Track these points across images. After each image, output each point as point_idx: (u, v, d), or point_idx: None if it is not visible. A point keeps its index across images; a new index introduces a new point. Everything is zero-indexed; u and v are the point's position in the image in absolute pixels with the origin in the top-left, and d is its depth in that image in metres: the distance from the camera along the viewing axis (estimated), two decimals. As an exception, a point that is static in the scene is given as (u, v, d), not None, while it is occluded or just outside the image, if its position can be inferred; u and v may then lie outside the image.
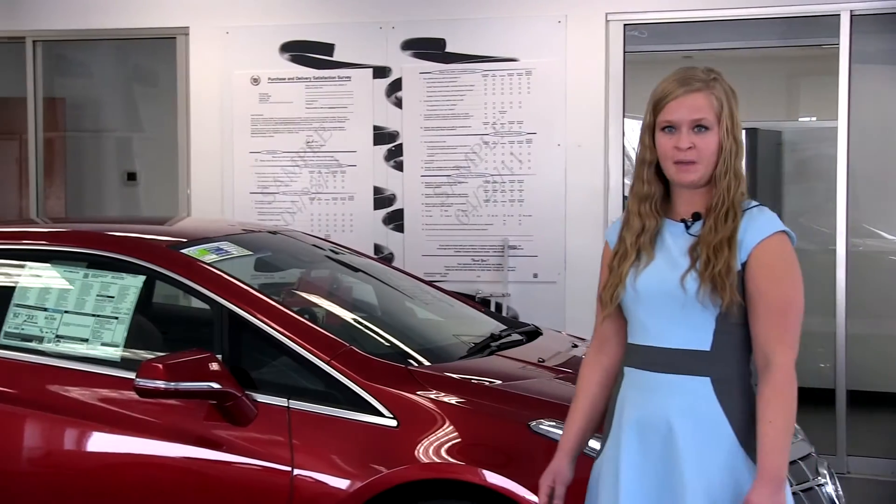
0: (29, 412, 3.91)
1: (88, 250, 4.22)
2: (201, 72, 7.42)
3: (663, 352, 2.83)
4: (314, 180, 7.20)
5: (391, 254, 7.02)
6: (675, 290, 2.80)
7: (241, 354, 3.85)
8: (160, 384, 3.53)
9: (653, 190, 2.91)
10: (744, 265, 2.79)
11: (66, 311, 4.07)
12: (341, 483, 3.56)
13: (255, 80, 7.27)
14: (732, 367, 2.81)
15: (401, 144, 7.05)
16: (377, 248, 6.99)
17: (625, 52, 6.83)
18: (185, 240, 4.30)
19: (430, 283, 5.31)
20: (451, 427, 3.60)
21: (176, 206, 7.64)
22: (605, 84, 6.77)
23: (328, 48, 7.17)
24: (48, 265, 4.28)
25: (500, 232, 6.84)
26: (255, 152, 7.29)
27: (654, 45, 7.39)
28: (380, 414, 3.64)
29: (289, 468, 3.59)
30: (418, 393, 3.69)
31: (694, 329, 2.81)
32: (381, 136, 7.08)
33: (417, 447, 3.57)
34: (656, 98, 2.88)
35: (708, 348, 2.80)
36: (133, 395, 3.68)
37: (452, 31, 6.96)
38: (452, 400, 3.69)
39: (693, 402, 2.78)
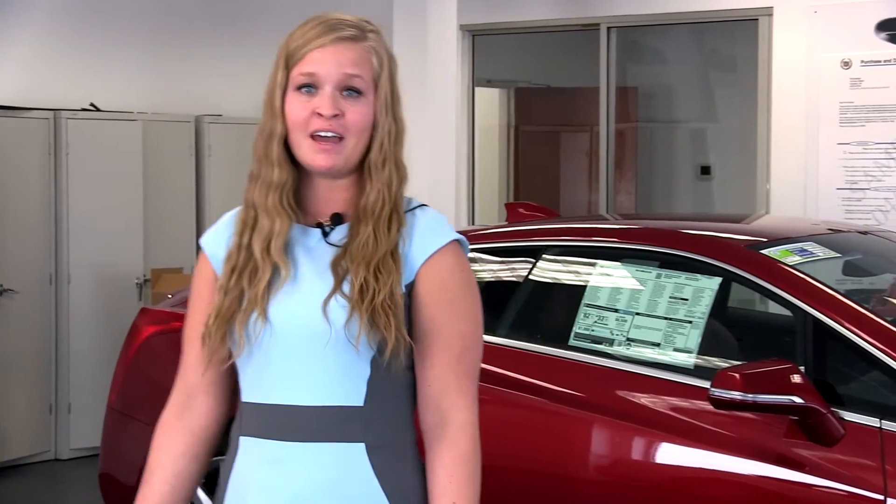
0: (597, 417, 4.03)
1: (661, 249, 4.30)
2: (785, 55, 7.37)
3: (301, 412, 2.24)
4: (910, 175, 6.98)
5: None
6: (315, 323, 2.20)
7: (827, 367, 3.78)
8: (736, 395, 3.52)
9: (285, 176, 2.27)
10: (409, 287, 2.25)
11: (636, 313, 4.17)
12: (942, 519, 3.41)
13: (846, 64, 7.12)
14: (395, 427, 2.29)
15: None
16: None
17: None
18: (764, 239, 4.27)
19: None
20: None
21: (753, 203, 7.64)
22: None
23: (931, 25, 6.90)
24: (618, 264, 4.40)
25: None
26: (843, 144, 7.14)
27: None
28: None
29: (881, 497, 3.46)
30: None
31: (340, 377, 2.23)
32: None
33: None
34: (292, 46, 2.26)
35: (361, 403, 2.24)
36: (704, 405, 3.70)
37: None
38: None
39: (343, 478, 2.24)
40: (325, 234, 2.29)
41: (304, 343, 2.23)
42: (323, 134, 2.23)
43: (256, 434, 2.27)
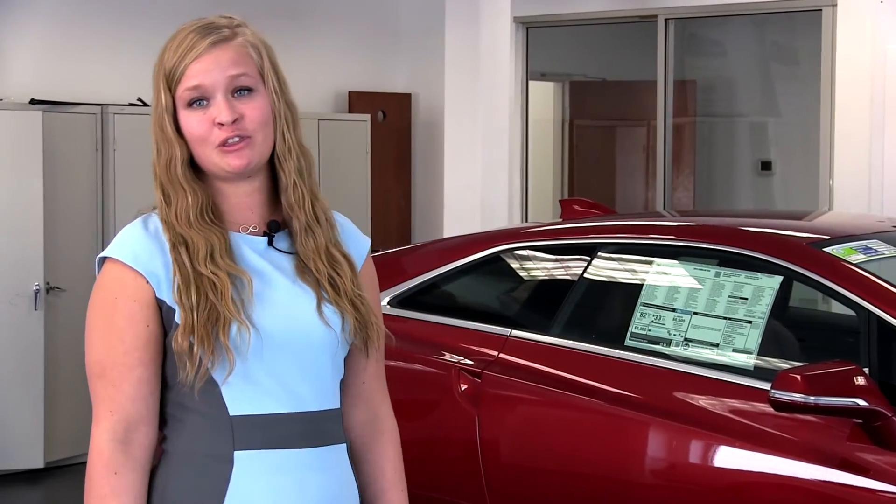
0: (654, 420, 4.02)
1: (719, 246, 4.28)
2: (849, 48, 7.31)
3: (303, 418, 2.27)
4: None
5: None
6: (314, 330, 2.26)
7: (892, 368, 3.75)
8: (798, 397, 3.51)
9: (199, 196, 2.24)
10: None
11: (695, 313, 4.15)
12: None
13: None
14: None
15: None
16: None
17: None
18: (827, 237, 4.24)
19: None
20: None
21: (815, 199, 7.60)
22: None
23: None
24: (676, 262, 4.39)
25: None
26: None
27: None
28: None
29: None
30: None
31: (331, 380, 2.33)
32: None
33: None
34: (168, 65, 2.28)
35: (337, 405, 2.35)
36: (764, 407, 3.68)
37: None
38: None
39: (341, 479, 2.35)
40: (271, 241, 2.31)
41: (303, 350, 2.27)
42: (230, 142, 2.23)
43: (257, 446, 2.24)
